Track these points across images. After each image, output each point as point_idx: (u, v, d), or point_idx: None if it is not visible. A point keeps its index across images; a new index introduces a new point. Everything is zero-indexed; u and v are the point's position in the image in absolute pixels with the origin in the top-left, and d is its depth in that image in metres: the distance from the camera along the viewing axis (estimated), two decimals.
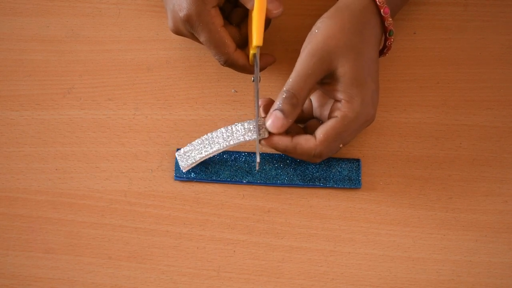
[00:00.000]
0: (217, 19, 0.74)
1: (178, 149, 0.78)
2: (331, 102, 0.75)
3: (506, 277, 0.76)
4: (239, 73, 0.81)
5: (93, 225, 0.77)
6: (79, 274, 0.76)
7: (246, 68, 0.77)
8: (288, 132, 0.74)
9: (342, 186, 0.78)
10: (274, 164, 0.79)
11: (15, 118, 0.81)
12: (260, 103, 0.74)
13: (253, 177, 0.78)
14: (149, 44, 0.84)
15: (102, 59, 0.83)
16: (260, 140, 0.73)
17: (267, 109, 0.74)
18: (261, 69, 0.77)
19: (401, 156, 0.80)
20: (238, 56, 0.76)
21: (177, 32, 0.77)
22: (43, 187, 0.78)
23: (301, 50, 0.73)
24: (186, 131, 0.80)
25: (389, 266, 0.76)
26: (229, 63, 0.76)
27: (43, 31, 0.84)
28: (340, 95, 0.72)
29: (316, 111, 0.77)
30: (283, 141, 0.73)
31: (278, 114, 0.72)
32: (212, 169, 0.78)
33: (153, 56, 0.83)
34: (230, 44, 0.75)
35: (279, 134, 0.73)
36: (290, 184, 0.78)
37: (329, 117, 0.73)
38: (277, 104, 0.72)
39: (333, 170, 0.78)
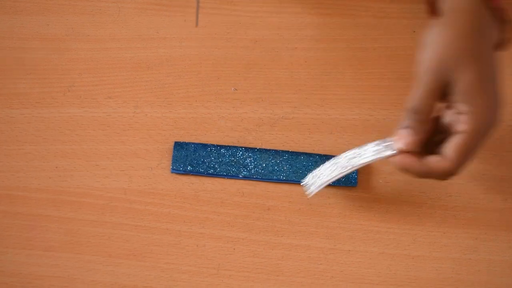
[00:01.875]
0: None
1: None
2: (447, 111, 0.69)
3: (506, 275, 0.76)
4: (239, 73, 0.81)
5: (93, 223, 0.77)
6: (79, 272, 0.76)
7: None
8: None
9: (337, 184, 0.78)
10: (271, 160, 0.79)
11: (15, 116, 0.81)
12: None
13: (249, 172, 0.78)
14: (149, 42, 0.84)
15: (102, 57, 0.83)
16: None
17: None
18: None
19: None
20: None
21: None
22: (43, 185, 0.78)
23: (418, 63, 0.67)
24: (186, 129, 0.80)
25: (388, 264, 0.76)
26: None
27: (43, 29, 0.84)
28: (464, 107, 0.66)
29: None
30: (414, 164, 0.67)
31: (406, 131, 0.67)
32: (209, 163, 0.78)
33: (153, 54, 0.83)
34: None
35: (409, 152, 0.68)
36: (287, 181, 0.78)
37: (455, 131, 0.67)
38: (404, 122, 0.67)
39: None
